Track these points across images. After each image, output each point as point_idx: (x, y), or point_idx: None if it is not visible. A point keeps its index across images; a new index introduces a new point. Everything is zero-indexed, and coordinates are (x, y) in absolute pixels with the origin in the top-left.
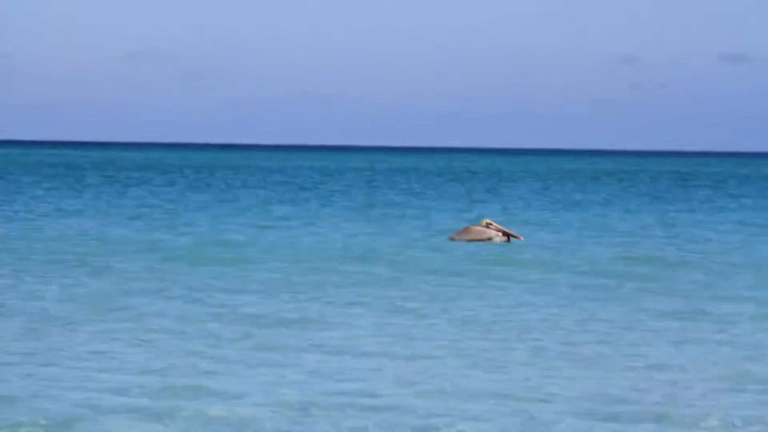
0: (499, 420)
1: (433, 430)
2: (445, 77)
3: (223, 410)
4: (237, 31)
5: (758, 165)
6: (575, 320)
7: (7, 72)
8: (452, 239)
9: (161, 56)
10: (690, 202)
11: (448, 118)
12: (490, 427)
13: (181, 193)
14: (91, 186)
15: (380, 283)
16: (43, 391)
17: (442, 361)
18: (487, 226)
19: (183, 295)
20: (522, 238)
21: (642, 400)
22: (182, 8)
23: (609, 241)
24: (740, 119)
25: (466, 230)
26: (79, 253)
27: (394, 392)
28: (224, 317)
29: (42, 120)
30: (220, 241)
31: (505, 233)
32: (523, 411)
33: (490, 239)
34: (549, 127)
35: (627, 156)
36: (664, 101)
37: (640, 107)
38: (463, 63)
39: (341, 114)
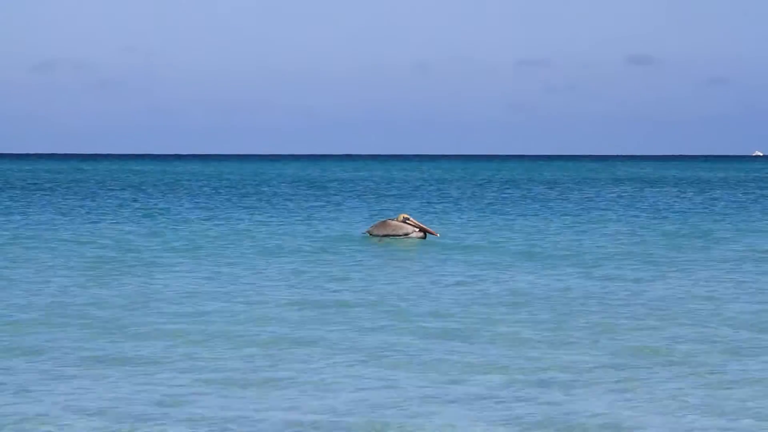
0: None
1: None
2: (360, 84)
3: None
4: (150, 39)
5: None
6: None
7: None
8: (369, 233)
9: (73, 66)
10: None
11: (363, 125)
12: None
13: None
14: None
15: (293, 273)
16: None
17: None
18: (405, 221)
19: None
20: (438, 235)
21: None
22: (93, 17)
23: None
24: (650, 122)
25: (383, 224)
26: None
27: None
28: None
29: None
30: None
31: (421, 229)
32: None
33: (406, 235)
34: (465, 132)
35: (546, 160)
36: (576, 104)
37: (554, 111)
38: (376, 70)
39: (257, 121)
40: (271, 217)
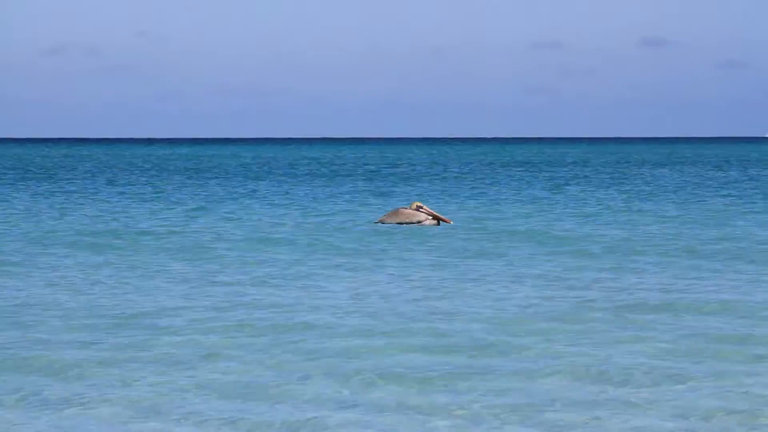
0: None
1: None
2: (375, 69)
3: None
4: (161, 24)
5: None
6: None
7: None
8: (381, 222)
9: (84, 50)
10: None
11: (380, 109)
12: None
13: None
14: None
15: (306, 259)
16: None
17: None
18: (418, 209)
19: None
20: (452, 222)
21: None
22: (104, 1)
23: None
24: (663, 104)
25: (395, 213)
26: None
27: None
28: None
29: None
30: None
31: (435, 217)
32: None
33: (419, 222)
34: (483, 116)
35: (560, 143)
36: (590, 87)
37: (570, 94)
38: (392, 55)
39: (270, 106)
40: (275, 204)
